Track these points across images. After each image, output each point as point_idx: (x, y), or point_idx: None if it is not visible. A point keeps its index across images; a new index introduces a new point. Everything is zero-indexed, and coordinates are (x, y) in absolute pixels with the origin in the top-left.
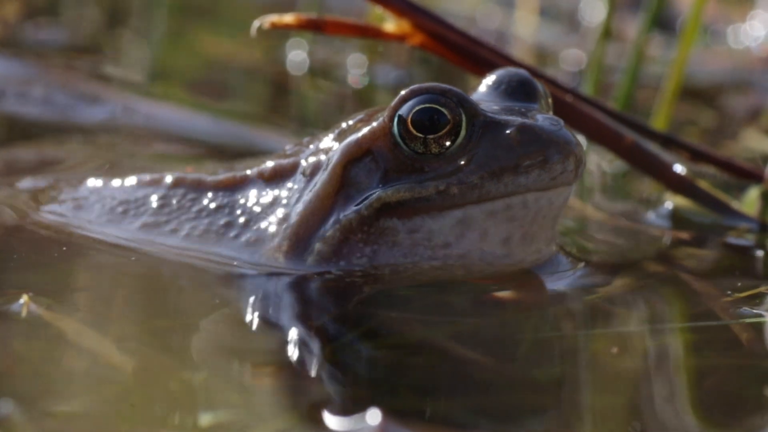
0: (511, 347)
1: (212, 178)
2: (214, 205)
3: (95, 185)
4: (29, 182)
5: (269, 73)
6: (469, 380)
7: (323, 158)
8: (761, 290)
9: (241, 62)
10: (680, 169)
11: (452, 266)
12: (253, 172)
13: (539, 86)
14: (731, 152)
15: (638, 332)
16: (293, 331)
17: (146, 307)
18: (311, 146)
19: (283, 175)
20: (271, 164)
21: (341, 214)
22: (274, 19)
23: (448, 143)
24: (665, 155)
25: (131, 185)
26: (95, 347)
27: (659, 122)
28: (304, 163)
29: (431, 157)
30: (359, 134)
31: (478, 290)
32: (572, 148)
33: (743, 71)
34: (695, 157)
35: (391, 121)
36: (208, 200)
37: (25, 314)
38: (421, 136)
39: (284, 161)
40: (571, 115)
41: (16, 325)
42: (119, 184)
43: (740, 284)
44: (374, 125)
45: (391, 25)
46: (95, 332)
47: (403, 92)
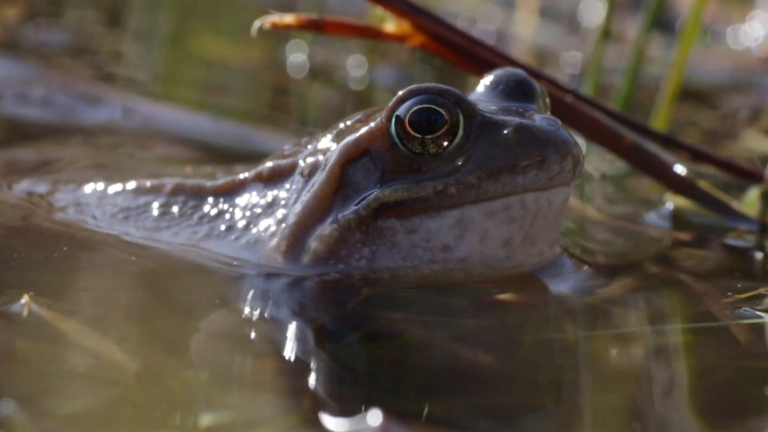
0: (511, 348)
1: (211, 183)
2: (214, 211)
3: (96, 188)
4: (29, 183)
5: (269, 74)
6: (469, 381)
7: (321, 159)
8: (761, 291)
9: (241, 64)
10: (680, 169)
11: (453, 270)
12: (251, 174)
13: (537, 86)
14: (731, 153)
15: (638, 333)
16: (294, 331)
17: (147, 307)
18: (309, 147)
19: (281, 175)
20: (269, 165)
21: (339, 214)
22: (274, 19)
23: (445, 143)
24: (665, 155)
25: (132, 191)
26: (96, 347)
27: (659, 123)
28: (302, 163)
29: (429, 157)
30: (357, 134)
31: (478, 292)
32: (570, 147)
33: (743, 72)
34: (695, 157)
35: (388, 121)
36: (208, 206)
37: (26, 314)
38: (418, 136)
39: (282, 162)
40: (571, 115)
41: (17, 325)
42: (120, 188)
43: (740, 285)
44: (372, 125)
45: (391, 25)
46: (96, 332)
47: (400, 93)
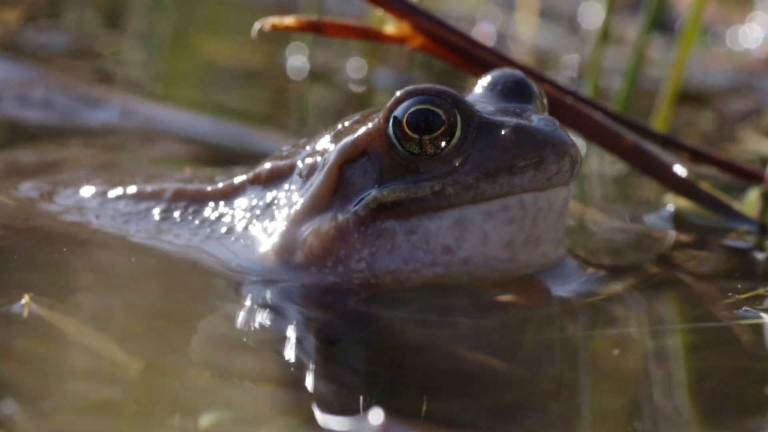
0: (512, 348)
1: (212, 187)
2: (215, 214)
3: (97, 192)
4: (30, 184)
5: (269, 76)
6: (469, 380)
7: (319, 160)
8: (761, 292)
9: (241, 66)
10: (680, 170)
11: (456, 273)
12: (249, 176)
13: (534, 87)
14: (730, 154)
15: (639, 333)
16: (295, 331)
17: (147, 307)
18: (307, 148)
19: (279, 176)
20: (267, 167)
21: (338, 213)
22: (274, 21)
23: (443, 144)
24: (665, 156)
25: (132, 196)
26: (96, 347)
27: (658, 124)
28: (300, 164)
29: (427, 157)
30: (355, 135)
31: (478, 293)
32: (567, 148)
33: (742, 73)
34: (695, 157)
35: (386, 122)
36: (208, 210)
37: (26, 315)
38: (416, 137)
39: (281, 163)
40: (570, 116)
41: (17, 325)
42: (121, 193)
43: (740, 286)
44: (370, 126)
45: (391, 27)
46: (96, 332)
47: (398, 93)
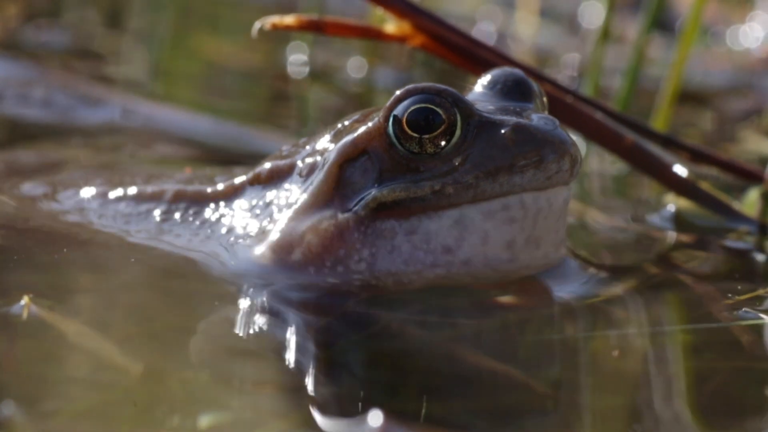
0: (512, 349)
1: (212, 188)
2: (215, 215)
3: (97, 193)
4: (30, 184)
5: (270, 76)
6: (470, 381)
7: (319, 159)
8: (761, 293)
9: (241, 65)
10: (680, 169)
11: (458, 274)
12: (249, 176)
13: (534, 86)
14: (730, 154)
15: (639, 334)
16: (294, 333)
17: (147, 308)
18: (307, 147)
19: (279, 176)
20: (267, 166)
21: (337, 213)
22: (275, 20)
23: (443, 143)
24: (665, 156)
25: (133, 197)
26: (96, 349)
27: (659, 124)
28: (300, 164)
29: (426, 156)
30: (355, 134)
31: (478, 293)
32: (567, 147)
33: (743, 73)
34: (695, 157)
35: (386, 121)
36: (209, 211)
37: (26, 316)
38: (416, 136)
39: (280, 163)
40: (571, 115)
41: (17, 326)
42: (121, 194)
43: (741, 286)
44: (370, 125)
45: (391, 26)
46: (96, 333)
47: (398, 92)
